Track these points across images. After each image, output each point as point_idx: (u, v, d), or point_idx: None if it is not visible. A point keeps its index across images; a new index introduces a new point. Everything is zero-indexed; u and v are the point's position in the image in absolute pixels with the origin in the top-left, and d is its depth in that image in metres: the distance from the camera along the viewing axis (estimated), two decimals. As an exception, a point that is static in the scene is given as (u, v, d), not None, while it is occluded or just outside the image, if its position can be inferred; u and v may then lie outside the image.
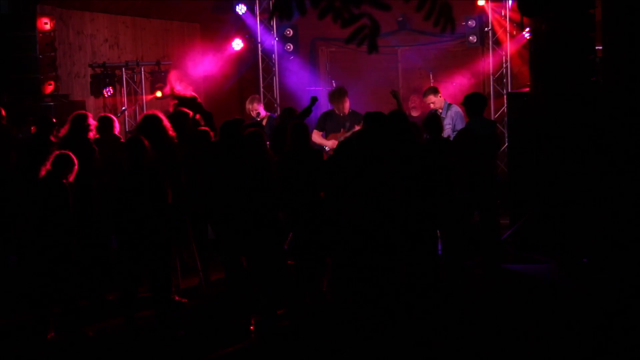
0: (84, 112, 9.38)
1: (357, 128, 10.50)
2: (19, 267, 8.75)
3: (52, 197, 7.51)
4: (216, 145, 8.40)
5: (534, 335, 7.18)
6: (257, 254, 7.49)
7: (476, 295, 8.48)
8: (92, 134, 8.86)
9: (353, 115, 10.77)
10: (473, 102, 9.15)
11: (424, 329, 7.31)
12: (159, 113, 8.76)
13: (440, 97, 11.08)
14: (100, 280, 8.63)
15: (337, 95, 10.86)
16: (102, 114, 10.01)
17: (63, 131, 8.76)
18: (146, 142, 7.64)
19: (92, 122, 8.97)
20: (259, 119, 11.04)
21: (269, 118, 11.38)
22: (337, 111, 10.81)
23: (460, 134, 9.17)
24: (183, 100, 10.68)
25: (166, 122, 8.58)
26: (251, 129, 8.01)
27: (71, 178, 7.63)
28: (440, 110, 11.11)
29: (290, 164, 7.77)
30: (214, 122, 10.28)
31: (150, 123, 8.45)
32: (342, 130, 10.67)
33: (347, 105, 10.80)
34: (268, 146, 8.48)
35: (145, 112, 9.17)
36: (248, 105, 11.49)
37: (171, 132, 8.54)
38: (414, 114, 12.43)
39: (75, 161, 7.64)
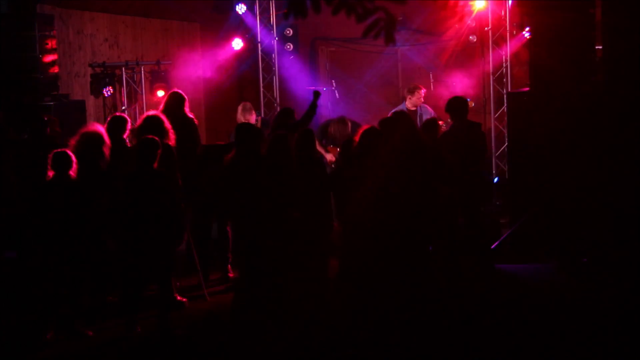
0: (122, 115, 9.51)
1: None
2: (18, 265, 8.73)
3: (60, 198, 7.53)
4: (233, 148, 8.34)
5: (533, 335, 7.18)
6: (272, 254, 7.46)
7: (475, 295, 8.48)
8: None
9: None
10: (454, 106, 9.16)
11: (423, 328, 7.31)
12: (160, 114, 8.74)
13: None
14: (101, 281, 8.61)
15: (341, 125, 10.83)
16: (118, 113, 10.00)
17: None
18: (160, 145, 7.65)
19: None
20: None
21: (262, 121, 11.20)
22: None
23: (442, 136, 9.20)
24: None
25: (167, 124, 8.55)
26: (279, 132, 7.99)
27: (74, 175, 7.65)
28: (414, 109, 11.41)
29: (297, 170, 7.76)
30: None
31: (153, 123, 8.42)
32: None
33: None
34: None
35: (146, 112, 9.12)
36: (242, 117, 10.65)
37: (172, 133, 8.52)
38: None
39: (73, 158, 7.64)
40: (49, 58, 10.97)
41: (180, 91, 9.76)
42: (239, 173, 7.57)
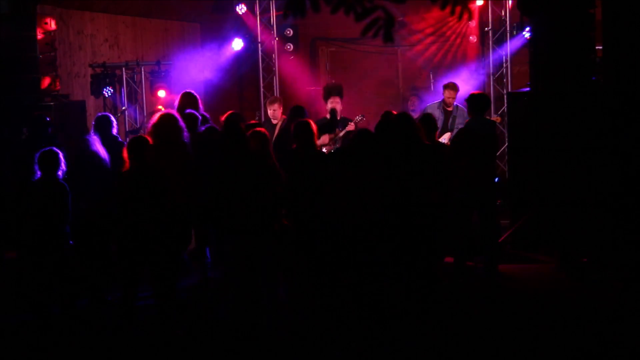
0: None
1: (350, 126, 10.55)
2: (17, 266, 8.72)
3: (47, 197, 7.54)
4: (219, 143, 8.33)
5: (533, 335, 7.19)
6: (259, 255, 7.46)
7: (476, 295, 8.48)
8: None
9: (344, 121, 10.75)
10: (477, 101, 9.10)
11: (422, 329, 7.32)
12: (175, 113, 8.73)
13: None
14: (101, 280, 8.61)
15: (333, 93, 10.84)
16: (100, 113, 10.03)
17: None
18: (150, 142, 7.63)
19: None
20: (274, 122, 10.90)
21: (284, 121, 11.09)
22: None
23: (461, 132, 9.16)
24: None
25: (182, 123, 8.55)
26: (257, 129, 7.96)
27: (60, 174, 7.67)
28: (450, 109, 11.32)
29: (295, 163, 7.75)
30: None
31: (167, 123, 8.42)
32: (337, 130, 10.63)
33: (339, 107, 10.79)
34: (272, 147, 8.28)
35: (163, 111, 9.11)
36: (273, 107, 11.00)
37: (186, 133, 8.53)
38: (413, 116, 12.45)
39: (61, 157, 7.66)
40: (48, 58, 10.97)
41: (192, 91, 9.81)
42: (227, 170, 7.59)
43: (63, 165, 7.70)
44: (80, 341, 7.53)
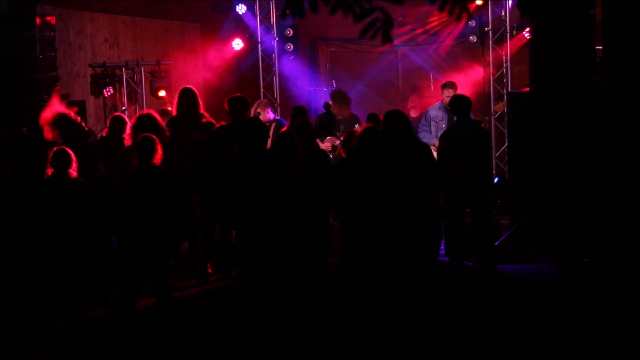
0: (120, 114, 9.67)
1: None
2: (18, 273, 8.67)
3: (58, 195, 7.56)
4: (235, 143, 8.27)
5: (533, 335, 7.18)
6: (269, 256, 7.45)
7: (475, 295, 8.48)
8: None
9: (352, 119, 10.80)
10: (457, 104, 9.26)
11: (422, 329, 7.32)
12: (154, 112, 8.76)
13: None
14: (102, 279, 8.60)
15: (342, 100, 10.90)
16: (116, 113, 10.03)
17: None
18: (157, 142, 7.65)
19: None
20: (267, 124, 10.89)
21: (277, 123, 11.08)
22: (338, 115, 10.81)
23: (442, 136, 9.26)
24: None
25: (161, 122, 8.57)
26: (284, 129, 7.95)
27: (74, 174, 7.69)
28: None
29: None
30: None
31: (147, 122, 8.42)
32: (337, 134, 10.66)
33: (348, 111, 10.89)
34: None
35: (139, 112, 9.16)
36: (257, 110, 11.01)
37: (167, 132, 8.54)
38: (413, 114, 12.47)
39: (73, 156, 7.70)
40: (48, 58, 10.95)
41: (192, 87, 9.83)
42: (243, 169, 7.53)
43: (74, 165, 7.74)
44: (80, 340, 7.54)
